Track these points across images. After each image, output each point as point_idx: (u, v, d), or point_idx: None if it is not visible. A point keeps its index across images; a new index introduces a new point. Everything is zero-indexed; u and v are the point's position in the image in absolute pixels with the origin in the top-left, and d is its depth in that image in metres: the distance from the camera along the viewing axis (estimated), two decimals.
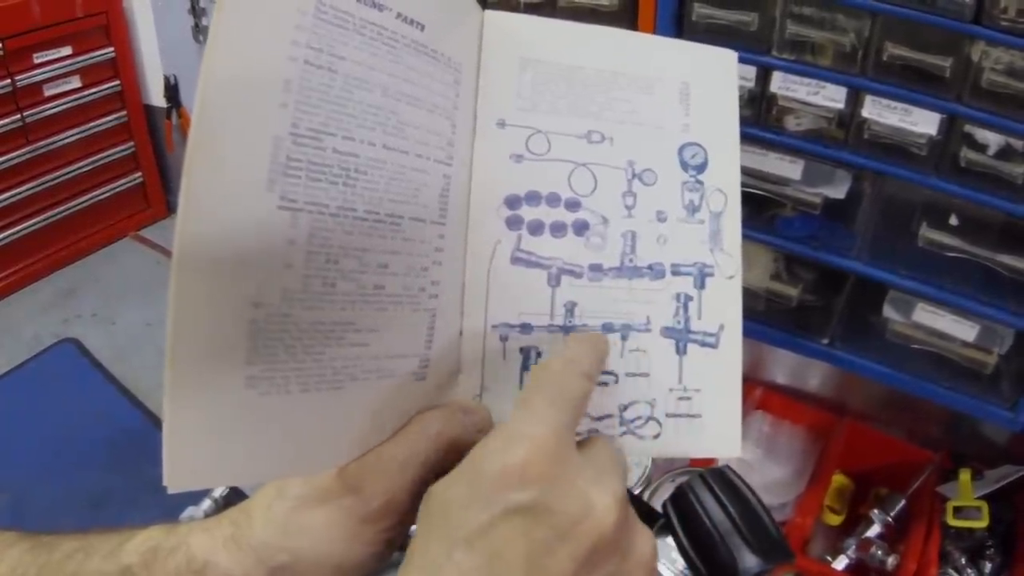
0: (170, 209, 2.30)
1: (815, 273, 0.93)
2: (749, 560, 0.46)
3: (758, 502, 0.50)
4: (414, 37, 0.42)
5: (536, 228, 0.48)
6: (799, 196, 0.87)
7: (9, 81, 1.81)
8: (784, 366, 1.15)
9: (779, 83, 0.82)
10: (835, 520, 1.02)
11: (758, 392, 1.15)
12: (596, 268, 0.48)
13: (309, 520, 0.42)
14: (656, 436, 0.48)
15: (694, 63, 0.51)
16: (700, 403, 0.48)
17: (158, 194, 2.28)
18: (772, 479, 1.07)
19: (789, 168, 0.86)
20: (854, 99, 0.79)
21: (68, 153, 2.02)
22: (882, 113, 0.78)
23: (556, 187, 0.48)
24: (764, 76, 0.83)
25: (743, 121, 0.87)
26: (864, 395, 1.11)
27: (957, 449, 1.03)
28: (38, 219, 2.01)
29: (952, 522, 0.93)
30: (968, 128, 0.75)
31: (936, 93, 0.75)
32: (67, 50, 1.93)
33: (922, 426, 1.07)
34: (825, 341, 0.93)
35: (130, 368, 1.67)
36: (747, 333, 0.87)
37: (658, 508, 0.53)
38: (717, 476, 0.51)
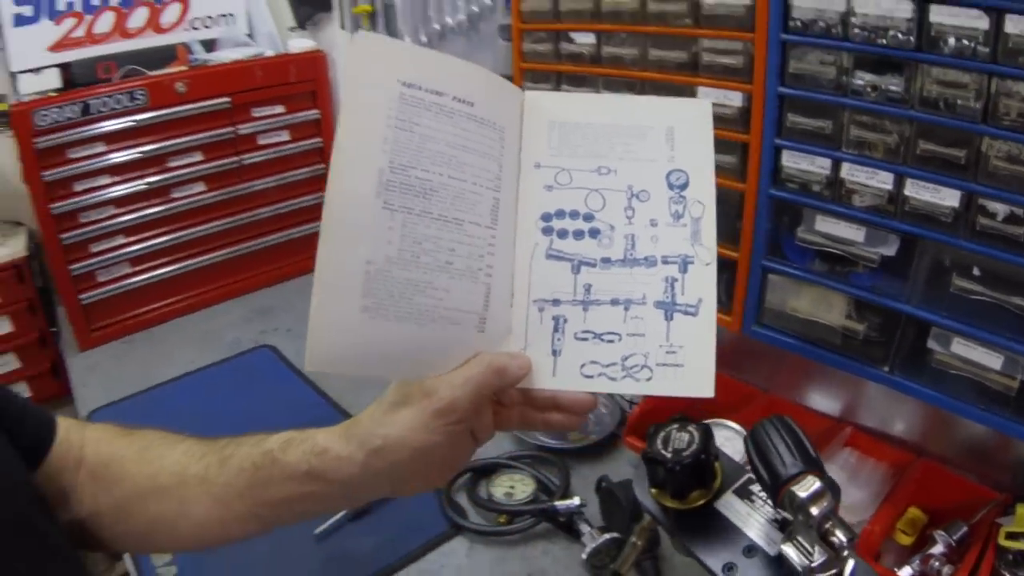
0: None
1: (878, 315, 1.02)
2: (792, 467, 0.59)
3: (804, 435, 0.63)
4: (466, 111, 0.52)
5: (563, 234, 0.56)
6: (863, 254, 1.00)
7: (232, 129, 1.99)
8: (871, 409, 1.19)
9: (847, 171, 0.98)
10: (906, 540, 1.07)
11: (847, 431, 1.20)
12: (606, 260, 0.55)
13: (397, 415, 0.51)
14: (648, 379, 0.54)
15: (677, 113, 0.58)
16: (683, 356, 0.54)
17: None
18: (853, 500, 1.13)
19: (856, 233, 1.01)
20: (899, 182, 0.93)
21: (272, 195, 2.14)
22: (919, 192, 0.91)
23: (576, 206, 0.56)
24: (836, 166, 0.99)
25: (823, 199, 1.08)
26: (942, 439, 1.13)
27: (1022, 493, 1.05)
28: (244, 246, 2.13)
29: (1003, 543, 0.97)
30: (982, 201, 0.86)
31: (957, 176, 0.87)
32: (280, 108, 2.08)
33: (992, 471, 1.09)
34: (886, 369, 1.02)
35: (318, 377, 1.65)
36: (825, 361, 1.07)
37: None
38: (779, 419, 0.64)
